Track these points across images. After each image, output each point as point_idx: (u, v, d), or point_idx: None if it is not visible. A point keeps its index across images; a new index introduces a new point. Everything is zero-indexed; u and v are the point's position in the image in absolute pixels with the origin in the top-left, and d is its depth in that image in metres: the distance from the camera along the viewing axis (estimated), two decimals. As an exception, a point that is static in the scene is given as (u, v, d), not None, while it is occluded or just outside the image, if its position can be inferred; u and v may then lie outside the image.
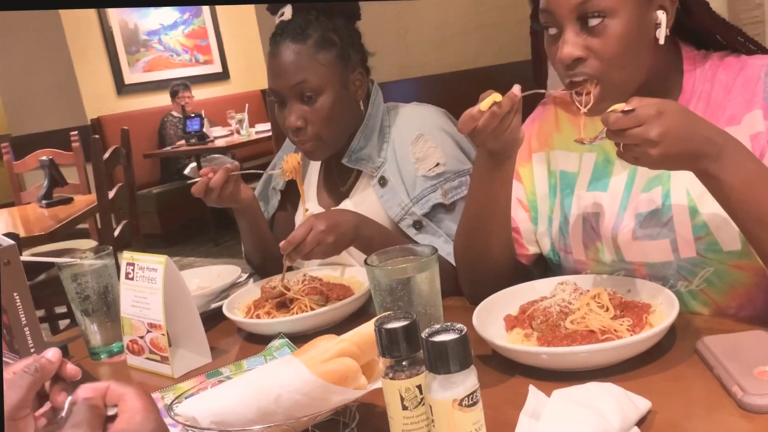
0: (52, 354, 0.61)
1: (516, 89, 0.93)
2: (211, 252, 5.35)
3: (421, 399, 0.64)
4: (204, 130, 5.47)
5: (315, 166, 1.53)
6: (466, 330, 0.61)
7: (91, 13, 5.89)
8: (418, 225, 1.33)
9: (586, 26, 0.94)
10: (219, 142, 5.50)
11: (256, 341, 1.16)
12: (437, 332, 0.62)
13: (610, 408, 0.69)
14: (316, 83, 1.30)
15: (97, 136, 2.92)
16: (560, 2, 0.95)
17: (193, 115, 5.59)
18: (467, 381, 0.60)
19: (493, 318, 1.00)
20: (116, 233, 2.92)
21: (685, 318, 0.98)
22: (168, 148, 5.69)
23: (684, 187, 1.02)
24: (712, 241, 1.00)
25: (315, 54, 1.31)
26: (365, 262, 0.92)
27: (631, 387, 0.78)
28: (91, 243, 3.29)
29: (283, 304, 1.20)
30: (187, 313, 1.11)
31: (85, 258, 1.20)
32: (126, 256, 1.13)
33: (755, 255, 0.97)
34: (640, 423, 0.73)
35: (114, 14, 6.04)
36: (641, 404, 0.74)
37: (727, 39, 1.05)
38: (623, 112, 0.83)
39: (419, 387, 0.64)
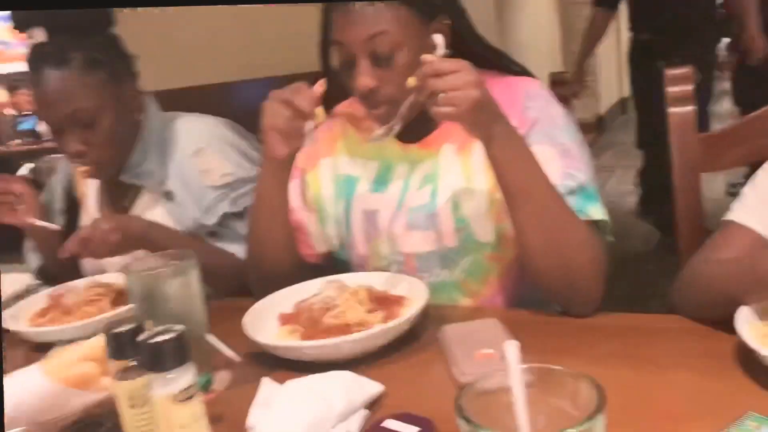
0: None
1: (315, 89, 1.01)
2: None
3: (147, 398, 0.68)
4: (38, 129, 5.16)
5: (92, 184, 1.47)
6: (182, 330, 0.66)
7: None
8: (212, 235, 1.36)
9: (377, 59, 1.03)
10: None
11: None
12: (158, 334, 0.66)
13: (336, 392, 0.77)
14: (91, 109, 1.26)
15: None
16: (351, 36, 1.03)
17: (26, 113, 5.26)
18: (183, 378, 0.65)
19: (268, 317, 1.06)
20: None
21: (439, 309, 1.09)
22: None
23: (450, 186, 1.13)
24: (470, 233, 1.11)
25: (83, 78, 1.26)
26: (122, 268, 0.95)
27: (374, 374, 0.86)
28: None
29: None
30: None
31: None
32: None
33: (505, 247, 1.10)
34: (371, 406, 0.81)
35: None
36: (372, 388, 0.82)
37: (492, 60, 1.16)
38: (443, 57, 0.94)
39: (145, 386, 0.68)
